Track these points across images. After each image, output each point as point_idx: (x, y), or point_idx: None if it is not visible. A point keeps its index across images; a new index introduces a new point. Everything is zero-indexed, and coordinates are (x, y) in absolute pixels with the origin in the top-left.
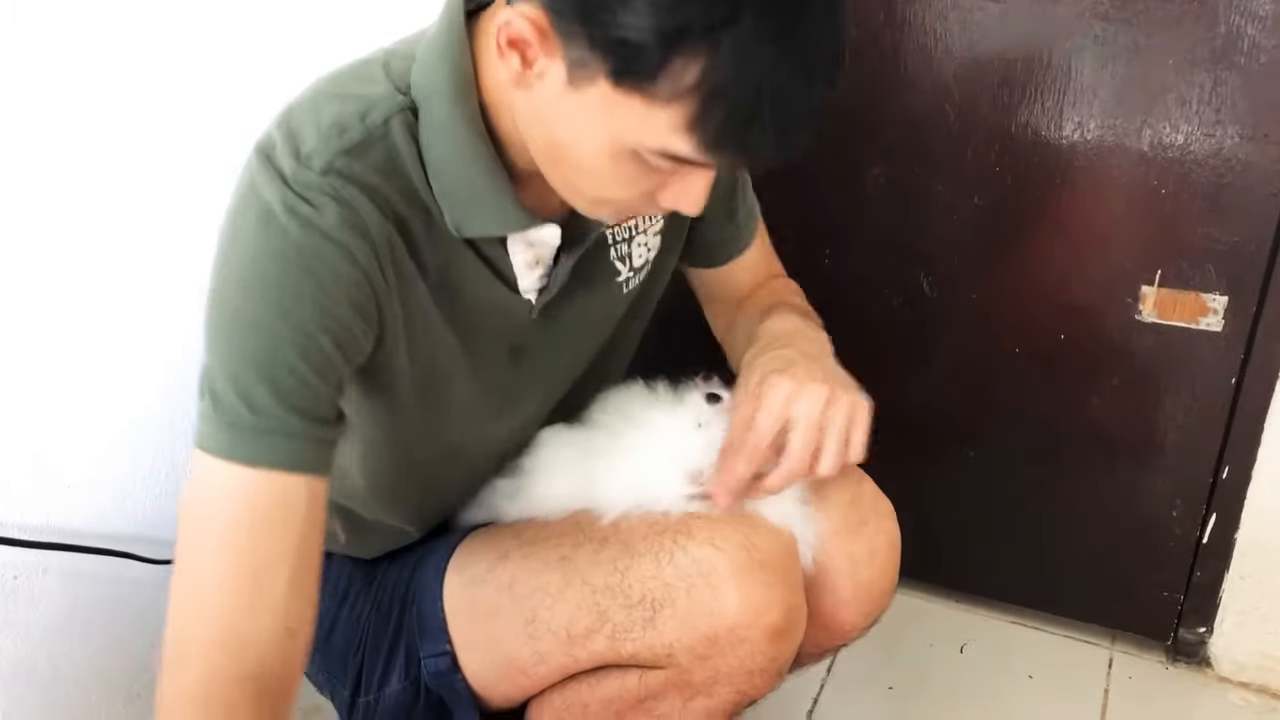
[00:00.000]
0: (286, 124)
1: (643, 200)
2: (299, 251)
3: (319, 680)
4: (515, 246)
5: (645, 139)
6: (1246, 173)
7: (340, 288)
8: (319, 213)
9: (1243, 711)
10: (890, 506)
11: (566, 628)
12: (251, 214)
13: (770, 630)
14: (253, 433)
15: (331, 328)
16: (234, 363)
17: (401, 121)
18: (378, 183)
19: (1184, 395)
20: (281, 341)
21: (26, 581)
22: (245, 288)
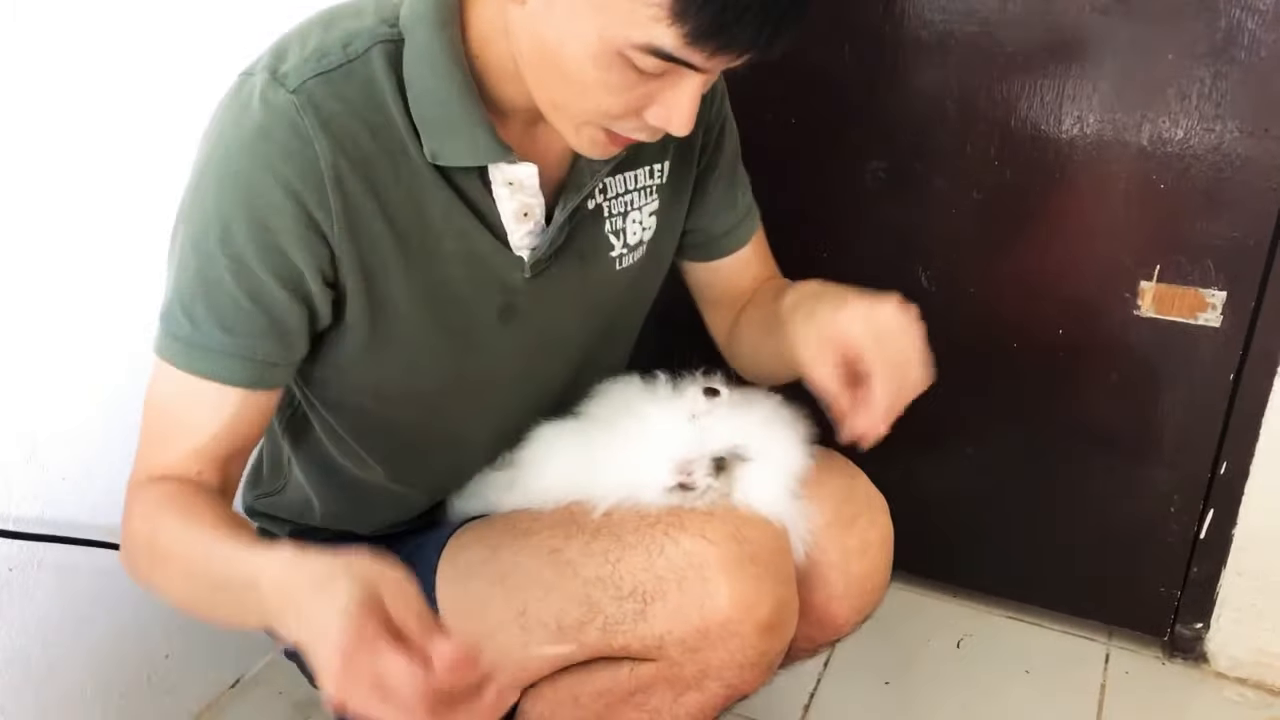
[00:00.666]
0: (274, 48)
1: (631, 116)
2: (244, 182)
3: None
4: (499, 190)
5: (632, 33)
6: (1246, 168)
7: (280, 221)
8: (270, 142)
9: (1239, 707)
10: (883, 500)
11: (558, 620)
12: (215, 130)
13: (761, 624)
14: (190, 345)
15: (267, 258)
16: (181, 280)
17: (383, 52)
18: (345, 118)
19: (1182, 391)
20: (218, 266)
21: (21, 574)
22: (193, 211)
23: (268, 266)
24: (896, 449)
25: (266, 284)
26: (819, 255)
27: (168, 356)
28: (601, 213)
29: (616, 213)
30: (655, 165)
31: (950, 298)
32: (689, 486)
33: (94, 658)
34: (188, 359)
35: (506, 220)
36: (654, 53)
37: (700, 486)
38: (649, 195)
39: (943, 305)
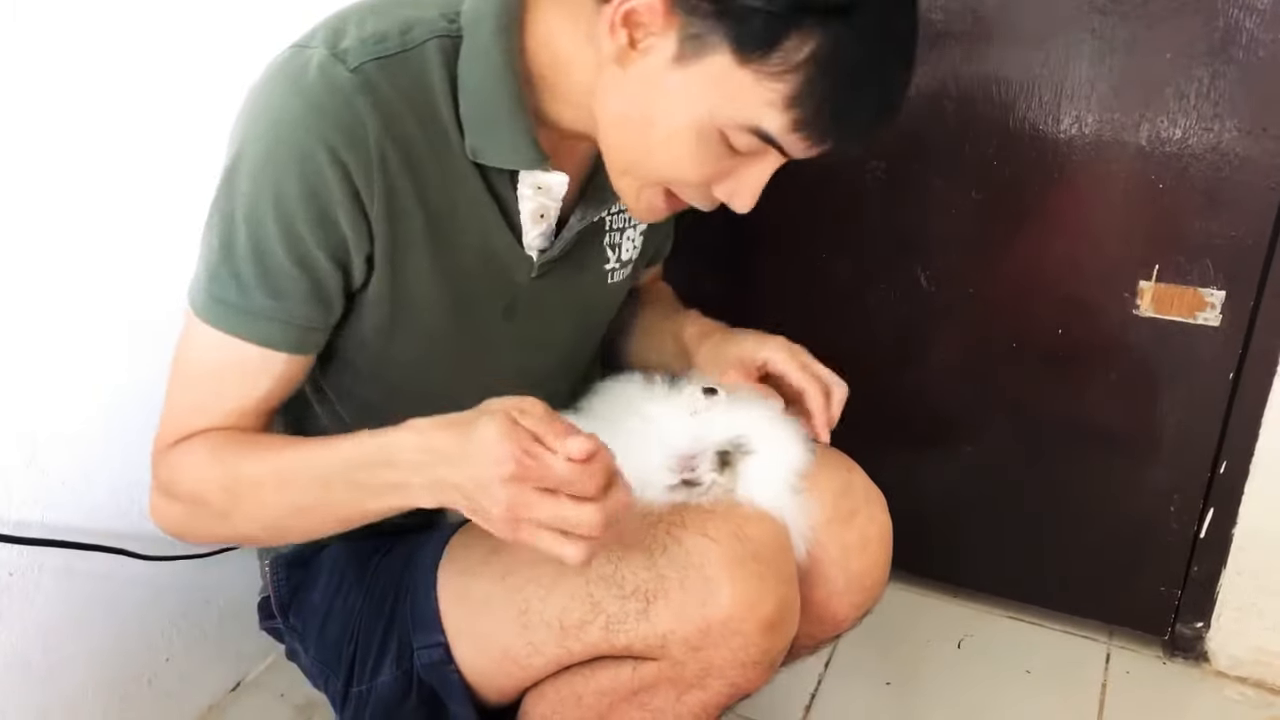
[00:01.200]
0: (331, 24)
1: (700, 188)
2: (293, 150)
3: (313, 672)
4: (524, 190)
5: (742, 113)
6: (1244, 167)
7: (330, 192)
8: (324, 114)
9: (1239, 706)
10: (881, 496)
11: (560, 619)
12: (264, 98)
13: (763, 622)
14: (235, 309)
15: (315, 224)
16: (227, 239)
17: (439, 46)
18: (397, 104)
19: (1182, 390)
20: (267, 230)
21: (22, 579)
22: (245, 170)
23: (316, 234)
24: (896, 449)
25: (314, 251)
26: (818, 256)
27: (213, 320)
28: (604, 226)
29: (616, 228)
30: None
31: (949, 298)
32: (693, 482)
33: (95, 661)
34: (236, 323)
35: (524, 218)
36: (757, 134)
37: (705, 482)
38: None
39: (942, 305)
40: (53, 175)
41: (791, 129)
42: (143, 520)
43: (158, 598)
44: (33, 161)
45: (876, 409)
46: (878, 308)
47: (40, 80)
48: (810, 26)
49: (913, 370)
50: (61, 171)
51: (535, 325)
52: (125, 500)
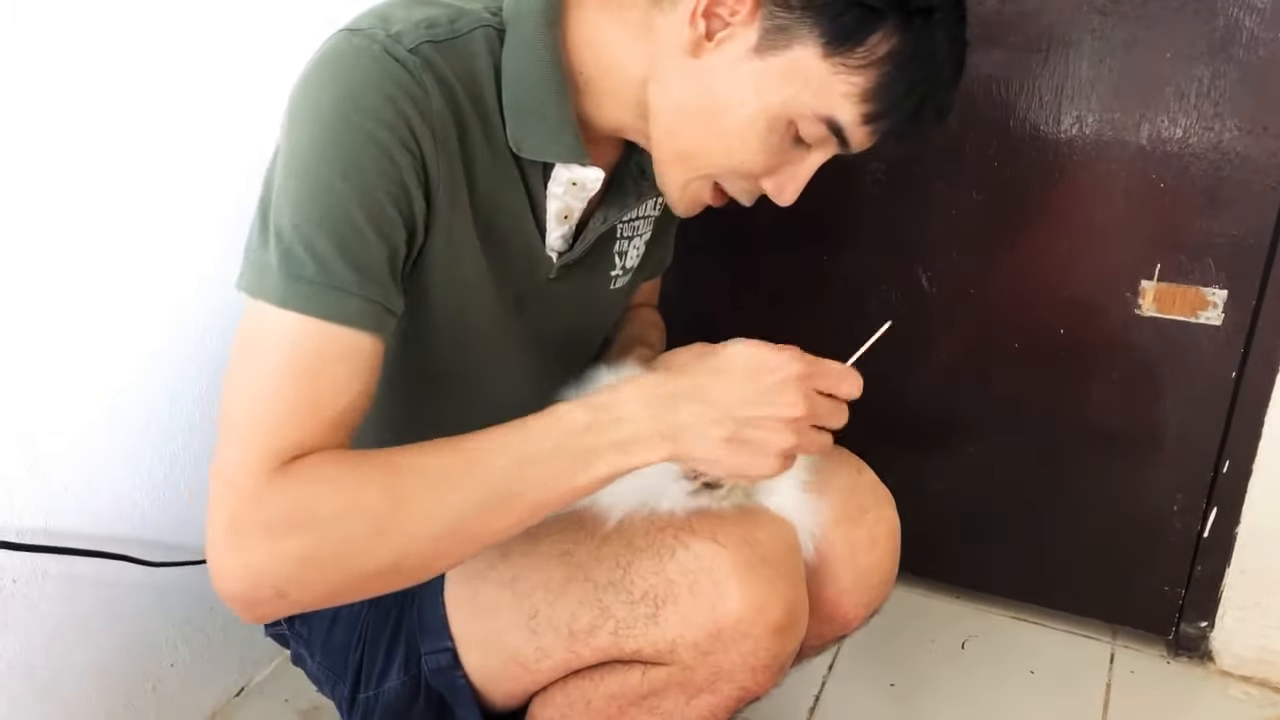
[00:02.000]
0: (377, 12)
1: (751, 180)
2: (369, 115)
3: (320, 677)
4: (555, 188)
5: (818, 104)
6: (1245, 166)
7: (403, 158)
8: (395, 83)
9: (1244, 705)
10: (889, 494)
11: (568, 624)
12: (332, 69)
13: (773, 626)
14: (317, 286)
15: (393, 192)
16: (300, 217)
17: (485, 36)
18: (452, 81)
19: (1184, 390)
20: (347, 200)
21: (25, 585)
22: (313, 140)
23: (393, 198)
24: (899, 450)
25: (392, 218)
26: (819, 259)
27: (294, 303)
28: (615, 233)
29: (625, 235)
30: (659, 198)
31: (951, 299)
32: (714, 485)
33: (99, 668)
34: (321, 302)
35: (549, 218)
36: (829, 124)
37: (726, 484)
38: (648, 225)
39: (943, 306)
40: (54, 177)
41: (863, 121)
42: (145, 526)
43: (161, 603)
44: (34, 163)
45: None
46: (879, 309)
47: (41, 81)
48: (895, 23)
49: (915, 371)
50: (63, 173)
51: (538, 325)
52: (128, 506)
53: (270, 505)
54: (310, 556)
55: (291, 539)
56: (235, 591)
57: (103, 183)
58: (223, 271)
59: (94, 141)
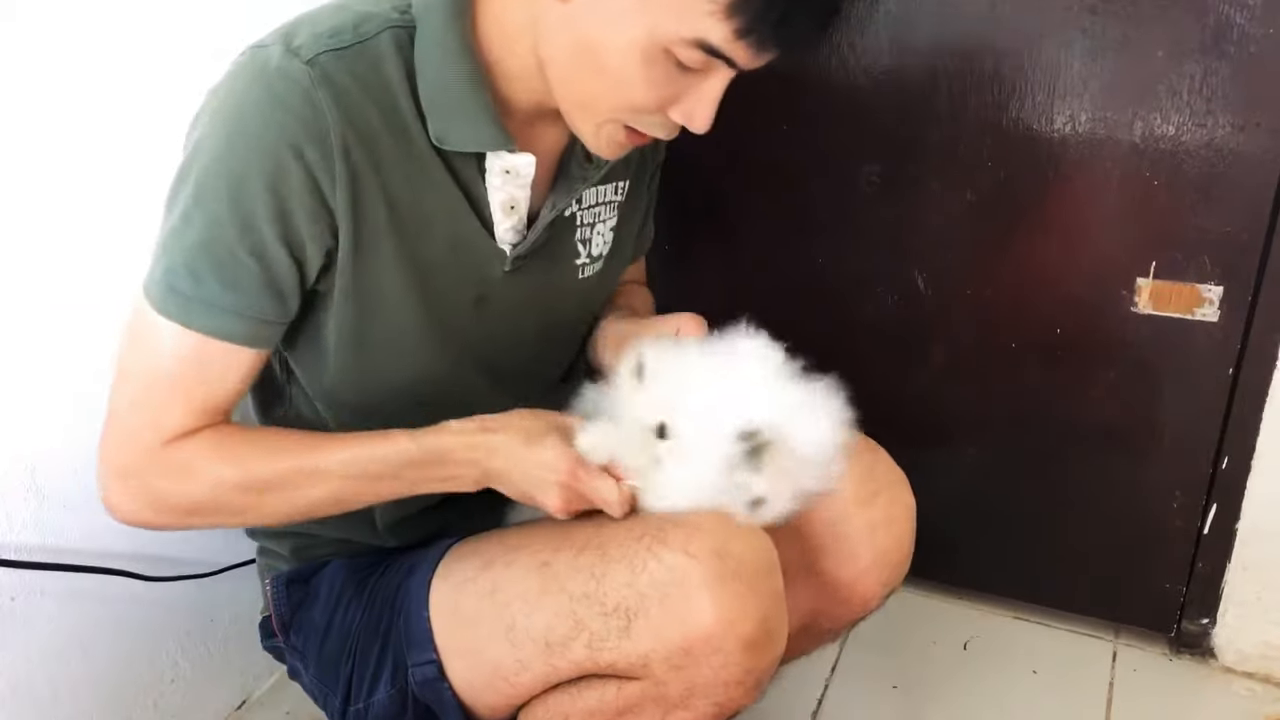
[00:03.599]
0: (284, 26)
1: (657, 112)
2: (253, 146)
3: (314, 690)
4: (493, 179)
5: (683, 28)
6: (1239, 162)
7: (289, 184)
8: (283, 106)
9: (1248, 701)
10: (903, 476)
11: (545, 635)
12: (224, 94)
13: (744, 641)
14: (191, 301)
15: (274, 218)
16: (185, 234)
17: (393, 37)
18: (356, 93)
19: (1181, 387)
20: (226, 227)
21: (24, 602)
22: (204, 167)
23: (274, 227)
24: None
25: (271, 244)
26: (814, 261)
27: (173, 314)
28: (574, 221)
29: (586, 223)
30: (620, 183)
31: (947, 299)
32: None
33: (99, 684)
34: (196, 317)
35: (494, 209)
36: (702, 47)
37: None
38: (612, 210)
39: (939, 307)
40: (52, 189)
41: (735, 37)
42: (145, 541)
43: (161, 618)
44: (33, 170)
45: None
46: (876, 311)
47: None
48: None
49: (912, 373)
50: (61, 185)
51: (506, 321)
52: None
53: (155, 473)
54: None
55: (169, 503)
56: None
57: (103, 203)
58: None
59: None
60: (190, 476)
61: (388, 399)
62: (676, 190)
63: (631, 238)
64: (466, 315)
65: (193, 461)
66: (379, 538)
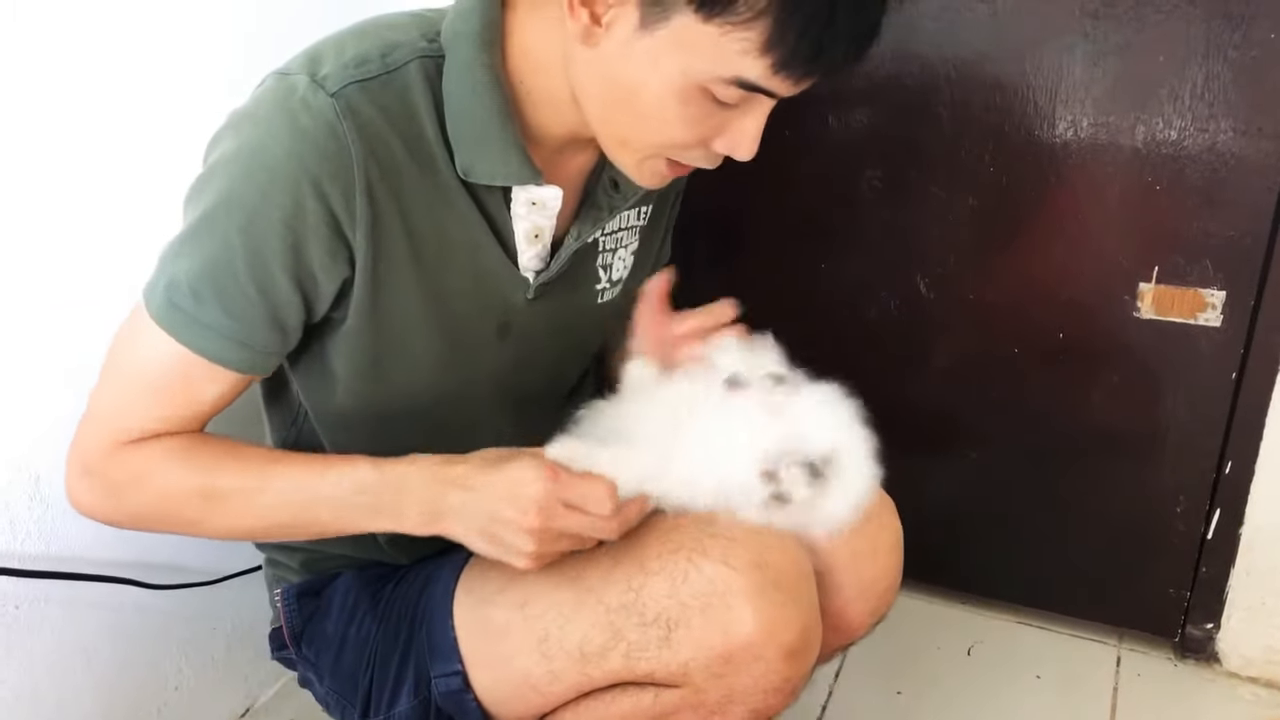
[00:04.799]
0: (310, 52)
1: (698, 146)
2: (272, 178)
3: (328, 701)
4: (517, 209)
5: (719, 68)
6: (1241, 167)
7: (305, 221)
8: (307, 139)
9: (1252, 706)
10: (891, 503)
11: (580, 646)
12: (247, 120)
13: (786, 649)
14: (192, 320)
15: (286, 253)
16: (193, 256)
17: (421, 67)
18: (380, 125)
19: (1184, 391)
20: (235, 256)
21: (28, 611)
22: (219, 190)
23: (283, 264)
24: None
25: (278, 280)
26: (817, 266)
27: (168, 327)
28: (596, 246)
29: (608, 248)
30: (643, 208)
31: (949, 305)
32: (784, 498)
33: (103, 692)
34: (189, 335)
35: (519, 239)
36: (740, 84)
37: (796, 498)
38: (633, 235)
39: (942, 312)
40: (53, 194)
41: (773, 72)
42: (148, 549)
43: (165, 626)
44: (35, 172)
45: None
46: (878, 316)
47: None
48: None
49: (915, 378)
50: (64, 188)
51: (527, 346)
52: (130, 530)
53: (109, 469)
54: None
55: (121, 500)
56: (82, 510)
57: (108, 205)
58: None
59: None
60: (143, 480)
61: (396, 421)
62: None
63: (650, 261)
64: (488, 343)
65: (147, 465)
66: (383, 553)
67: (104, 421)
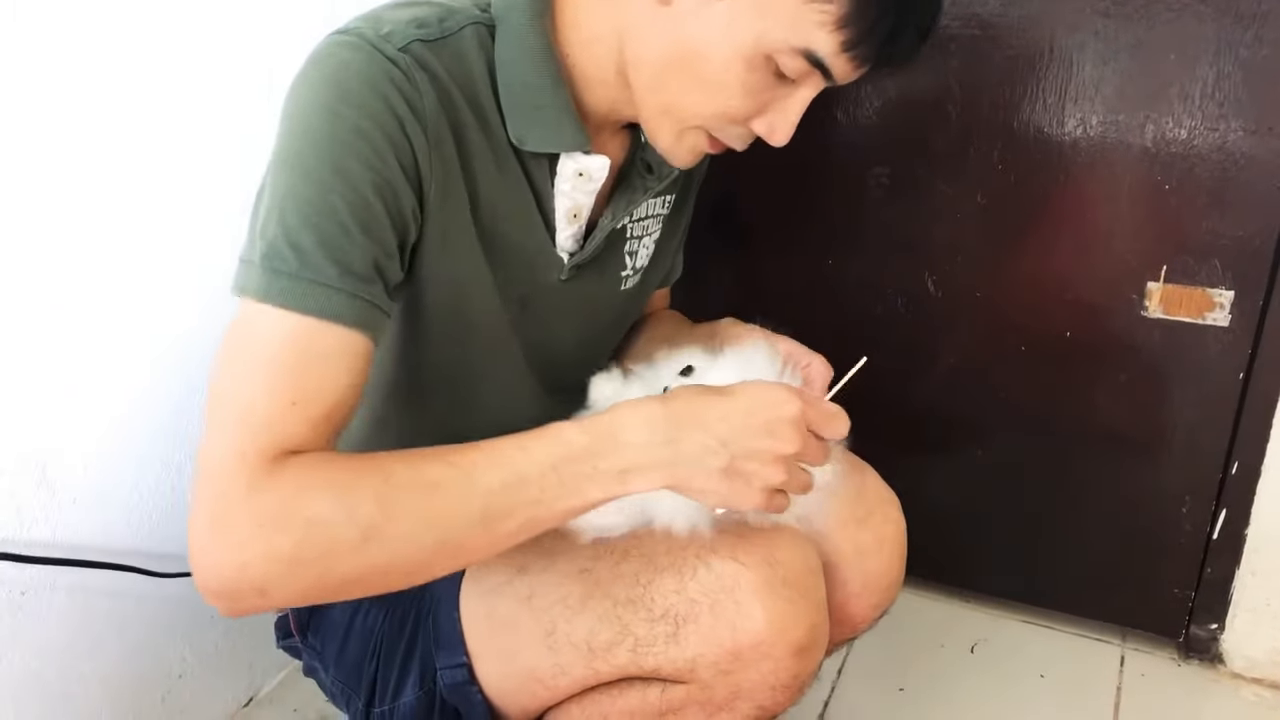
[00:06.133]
0: (365, 16)
1: (744, 121)
2: (359, 111)
3: (333, 691)
4: (563, 185)
5: (793, 37)
6: (1251, 167)
7: (392, 155)
8: (388, 79)
9: (1255, 707)
10: (895, 497)
11: (587, 640)
12: (322, 69)
13: (794, 646)
14: (296, 280)
15: (381, 189)
16: (286, 209)
17: (475, 33)
18: (445, 80)
19: (1192, 391)
20: (332, 194)
21: (34, 597)
22: (303, 135)
23: (379, 195)
24: (906, 454)
25: (378, 215)
26: (824, 263)
27: (275, 298)
28: (624, 233)
29: (635, 235)
30: (668, 197)
31: (957, 302)
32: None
33: (108, 679)
34: (299, 298)
35: (558, 218)
36: (806, 56)
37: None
38: (658, 224)
39: (949, 310)
40: (59, 184)
41: (842, 50)
42: (154, 537)
43: (170, 614)
44: (37, 168)
45: (886, 415)
46: (886, 314)
47: (42, 81)
48: None
49: (921, 375)
50: (68, 180)
51: (546, 324)
52: (137, 517)
53: (260, 501)
54: (297, 557)
55: (280, 537)
56: (216, 586)
57: (110, 196)
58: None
59: (101, 152)
60: (313, 484)
61: (431, 388)
62: None
63: (669, 253)
64: (512, 312)
65: (312, 468)
66: None
67: (230, 447)
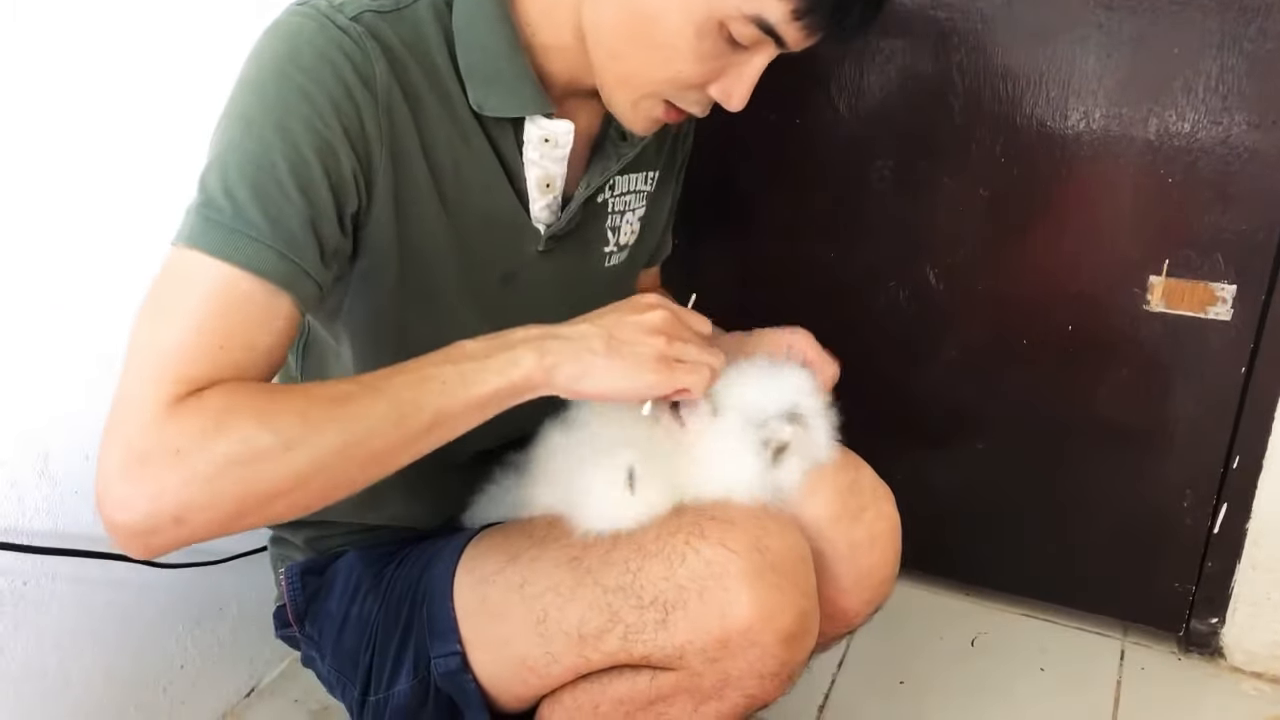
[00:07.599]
0: None
1: (699, 87)
2: (306, 75)
3: (330, 679)
4: (530, 153)
5: (744, 4)
6: (1254, 160)
7: (336, 119)
8: (336, 46)
9: (1255, 701)
10: (889, 492)
11: (578, 628)
12: (275, 35)
13: (782, 634)
14: (227, 230)
15: (322, 151)
16: (228, 163)
17: (432, 5)
18: (399, 49)
19: (1193, 385)
20: (272, 151)
21: (36, 587)
22: (250, 94)
23: (319, 156)
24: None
25: (316, 178)
26: (826, 256)
27: (203, 244)
28: (606, 207)
29: (617, 210)
30: (650, 173)
31: (959, 296)
32: (782, 447)
33: (109, 669)
34: (226, 245)
35: (531, 186)
36: (758, 23)
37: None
38: (641, 200)
39: (952, 303)
40: (59, 180)
41: (792, 18)
42: None
43: (171, 605)
44: (38, 165)
45: (887, 407)
46: (887, 306)
47: (43, 81)
48: None
49: (923, 368)
50: (69, 176)
51: (531, 302)
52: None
53: (179, 425)
54: (216, 475)
55: (199, 456)
56: (129, 521)
57: (109, 188)
58: None
59: (98, 144)
60: (228, 412)
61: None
62: (687, 185)
63: (656, 230)
64: (494, 291)
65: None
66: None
67: (144, 385)
